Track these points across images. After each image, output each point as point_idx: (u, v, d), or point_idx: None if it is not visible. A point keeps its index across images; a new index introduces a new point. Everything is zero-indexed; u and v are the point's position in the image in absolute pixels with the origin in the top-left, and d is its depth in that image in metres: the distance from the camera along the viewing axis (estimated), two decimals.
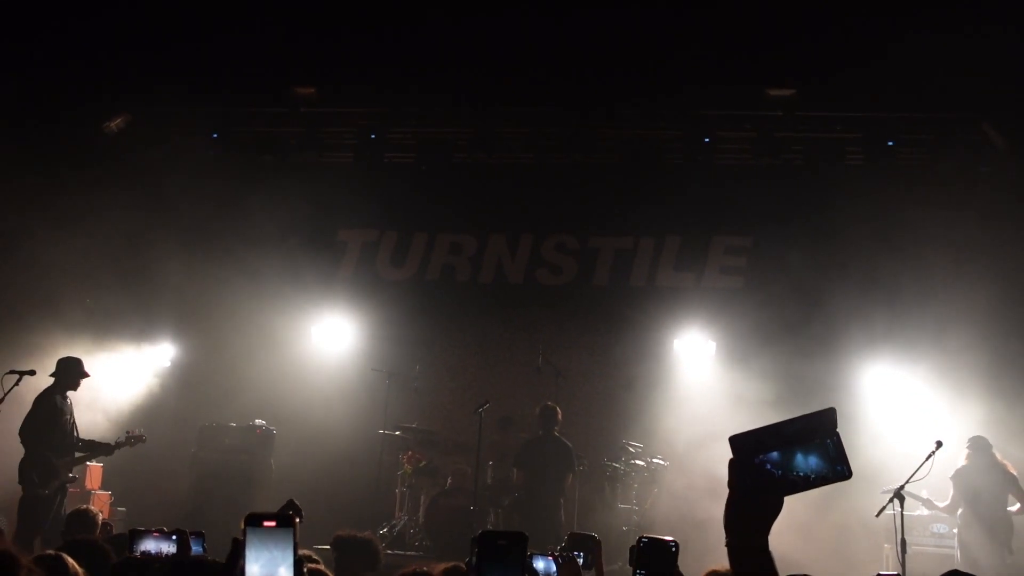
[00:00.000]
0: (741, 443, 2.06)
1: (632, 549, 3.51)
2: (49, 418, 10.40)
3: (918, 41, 11.86)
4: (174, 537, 5.14)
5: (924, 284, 12.92)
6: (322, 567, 4.54)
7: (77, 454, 10.66)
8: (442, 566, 4.51)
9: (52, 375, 10.60)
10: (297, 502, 6.48)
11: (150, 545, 5.15)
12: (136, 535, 5.18)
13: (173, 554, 5.03)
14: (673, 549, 3.38)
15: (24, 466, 10.20)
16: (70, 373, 10.67)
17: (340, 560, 6.26)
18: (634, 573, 3.31)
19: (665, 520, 11.50)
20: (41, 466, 10.22)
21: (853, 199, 13.54)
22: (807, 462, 2.02)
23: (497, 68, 13.29)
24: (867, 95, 13.25)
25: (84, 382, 10.89)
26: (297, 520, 2.19)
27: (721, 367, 13.52)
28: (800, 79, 13.32)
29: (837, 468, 2.02)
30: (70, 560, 4.22)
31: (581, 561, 5.12)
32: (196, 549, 5.12)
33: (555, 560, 4.98)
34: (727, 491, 2.13)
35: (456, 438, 13.30)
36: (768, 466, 2.03)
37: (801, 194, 13.84)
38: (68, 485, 10.60)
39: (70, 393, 10.71)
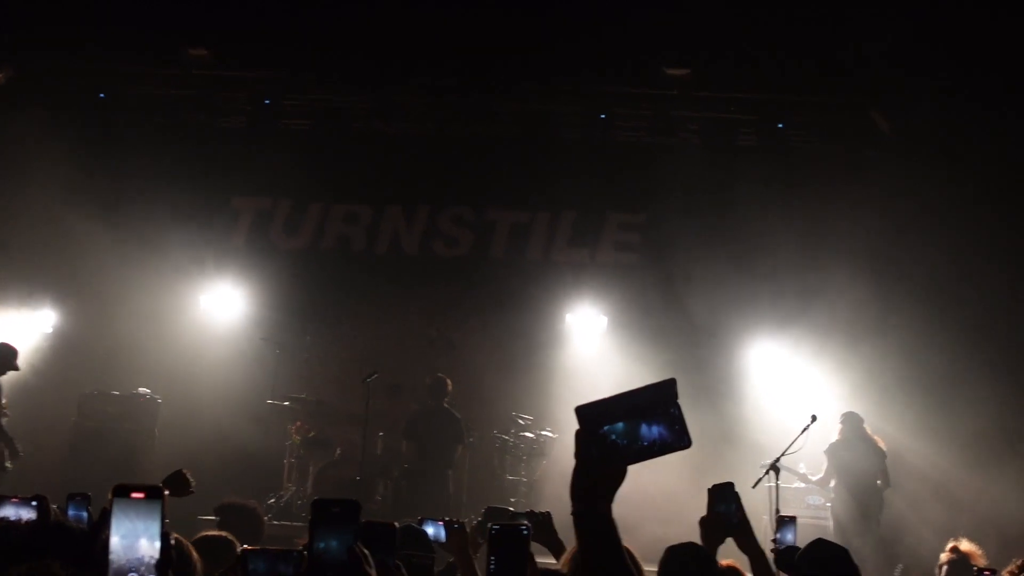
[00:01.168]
0: (587, 413, 2.10)
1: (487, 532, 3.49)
2: None
3: (811, 24, 12.15)
4: (34, 503, 5.00)
5: (809, 265, 13.24)
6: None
7: None
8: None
9: None
10: (187, 472, 6.37)
11: (8, 511, 5.00)
12: None
13: (33, 520, 4.88)
14: (525, 533, 3.38)
15: None
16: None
17: (223, 528, 6.19)
18: (488, 561, 3.30)
19: (553, 492, 11.62)
20: None
21: (745, 180, 13.80)
22: (651, 431, 2.06)
23: (397, 37, 13.15)
24: (761, 77, 13.49)
25: None
26: (167, 492, 2.14)
27: (612, 341, 13.71)
28: (696, 59, 13.49)
29: (679, 438, 2.07)
30: None
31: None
32: (80, 513, 4.99)
33: (445, 526, 5.02)
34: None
35: (346, 408, 13.19)
36: (613, 436, 2.07)
37: (695, 173, 14.03)
38: None
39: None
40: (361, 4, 12.63)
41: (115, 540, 2.04)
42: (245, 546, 3.37)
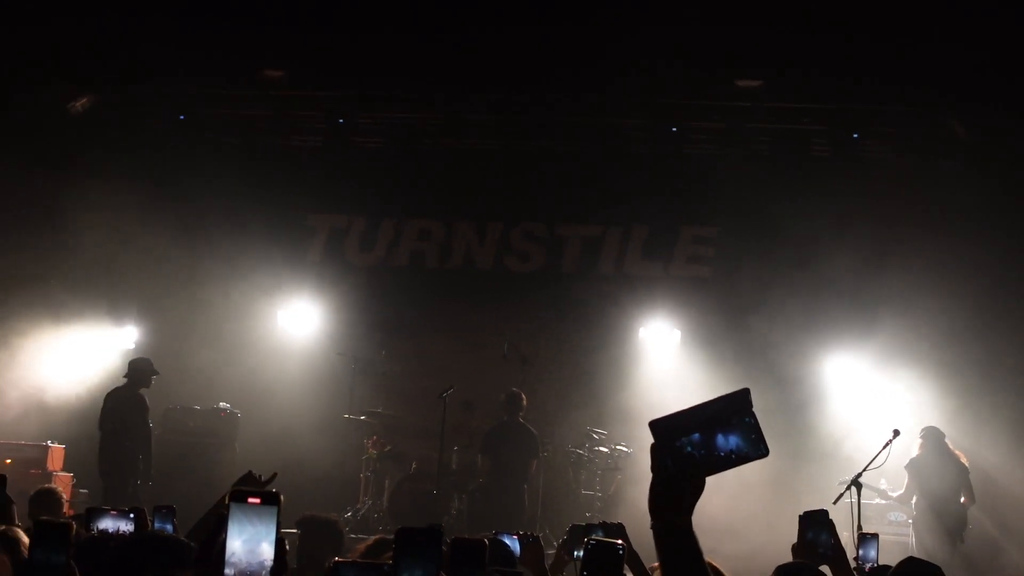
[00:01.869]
0: (662, 427, 2.11)
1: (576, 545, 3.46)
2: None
3: (885, 33, 11.99)
4: (131, 516, 5.14)
5: (888, 276, 13.04)
6: None
7: None
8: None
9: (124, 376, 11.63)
10: (256, 474, 6.47)
11: (108, 523, 5.15)
12: (93, 513, 5.16)
13: (131, 532, 5.02)
14: (620, 552, 3.40)
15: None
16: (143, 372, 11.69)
17: (304, 541, 6.30)
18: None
19: (628, 507, 11.57)
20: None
21: (819, 191, 13.66)
22: (727, 442, 2.07)
23: (467, 54, 13.26)
24: (834, 87, 13.34)
25: (48, 364, 10.90)
26: (282, 498, 2.20)
27: (686, 355, 13.62)
28: (768, 70, 13.39)
29: (756, 447, 2.08)
30: (21, 535, 4.21)
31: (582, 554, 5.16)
32: (165, 525, 5.12)
33: (520, 540, 5.06)
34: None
35: (421, 423, 13.30)
36: (689, 448, 2.08)
37: (768, 185, 13.91)
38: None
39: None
40: (430, 22, 12.75)
41: (234, 544, 2.09)
42: (336, 558, 3.45)
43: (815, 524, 4.23)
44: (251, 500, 2.12)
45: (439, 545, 2.51)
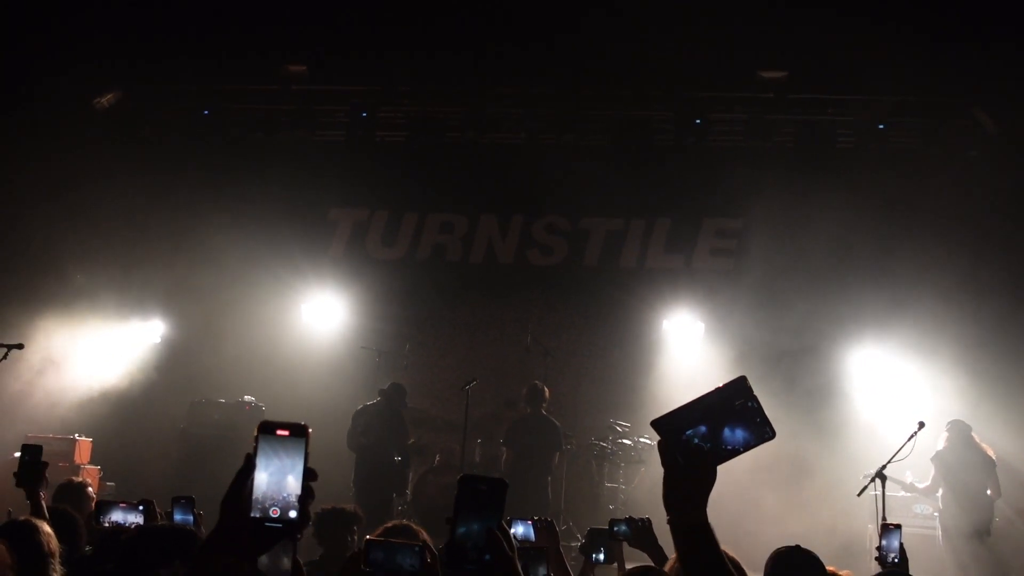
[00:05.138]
0: (666, 423, 2.12)
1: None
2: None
3: (910, 24, 11.88)
4: (141, 508, 5.18)
5: (913, 268, 12.96)
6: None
7: None
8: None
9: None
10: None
11: (117, 516, 5.20)
12: (103, 507, 5.21)
13: (140, 524, 5.07)
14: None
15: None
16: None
17: (322, 530, 6.36)
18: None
19: (652, 499, 11.55)
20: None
21: (844, 182, 13.56)
22: (733, 430, 2.08)
23: (489, 48, 13.26)
24: (859, 78, 13.24)
25: (76, 358, 10.94)
26: (311, 430, 2.15)
27: (709, 348, 13.58)
28: (792, 61, 13.31)
29: (762, 430, 2.08)
30: (43, 526, 4.26)
31: (602, 558, 5.21)
32: (186, 517, 5.16)
33: (535, 525, 5.08)
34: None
35: (445, 416, 13.34)
36: (696, 440, 2.09)
37: (792, 177, 13.82)
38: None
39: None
40: (453, 16, 12.75)
41: (260, 476, 2.05)
42: (368, 536, 3.48)
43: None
44: (279, 432, 2.09)
45: (503, 497, 2.43)
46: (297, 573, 3.33)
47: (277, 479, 2.04)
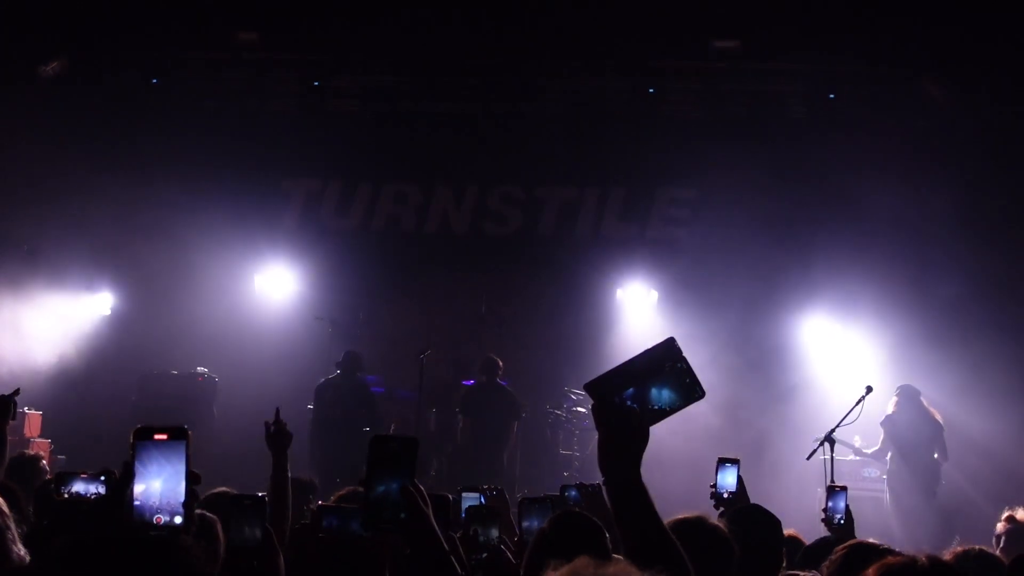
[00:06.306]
0: (597, 386, 2.15)
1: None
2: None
3: None
4: (102, 479, 5.13)
5: (862, 237, 13.11)
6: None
7: None
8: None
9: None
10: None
11: (79, 487, 5.15)
12: (64, 478, 5.15)
13: (101, 495, 5.02)
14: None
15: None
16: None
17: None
18: None
19: None
20: None
21: (796, 152, 13.68)
22: (661, 391, 2.11)
23: (442, 16, 13.17)
24: (810, 48, 13.32)
25: (23, 330, 10.79)
26: (191, 432, 2.11)
27: (663, 316, 13.68)
28: (745, 31, 13.36)
29: (691, 390, 2.12)
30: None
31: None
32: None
33: (484, 494, 5.09)
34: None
35: (399, 385, 13.32)
36: (628, 402, 2.11)
37: (744, 146, 13.89)
38: None
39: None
40: None
41: (140, 486, 1.98)
42: (320, 502, 3.50)
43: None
44: (157, 436, 2.00)
45: (414, 455, 2.43)
46: (268, 542, 3.34)
47: (160, 486, 1.96)
